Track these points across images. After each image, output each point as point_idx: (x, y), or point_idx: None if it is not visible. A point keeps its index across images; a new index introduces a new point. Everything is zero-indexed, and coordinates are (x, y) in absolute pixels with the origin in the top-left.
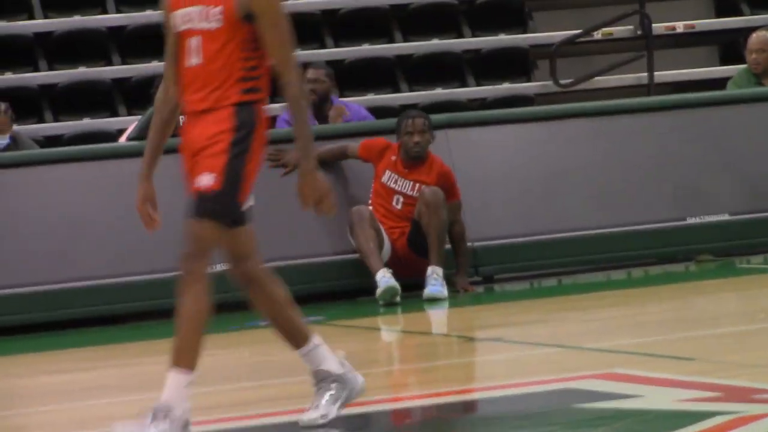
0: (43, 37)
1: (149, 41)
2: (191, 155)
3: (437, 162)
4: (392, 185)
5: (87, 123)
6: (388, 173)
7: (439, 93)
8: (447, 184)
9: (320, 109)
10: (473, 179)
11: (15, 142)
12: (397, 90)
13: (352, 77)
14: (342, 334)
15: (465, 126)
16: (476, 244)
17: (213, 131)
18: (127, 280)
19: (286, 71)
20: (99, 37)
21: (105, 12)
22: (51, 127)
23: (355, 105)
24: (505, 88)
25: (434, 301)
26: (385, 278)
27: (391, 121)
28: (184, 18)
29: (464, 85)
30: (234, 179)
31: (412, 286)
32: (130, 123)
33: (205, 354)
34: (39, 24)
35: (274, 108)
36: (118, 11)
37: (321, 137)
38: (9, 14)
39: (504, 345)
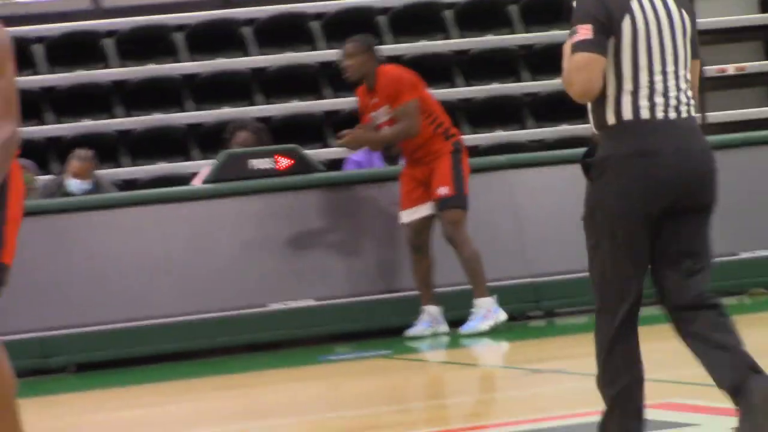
0: (119, 85)
1: (221, 88)
2: None
3: (382, 77)
4: (376, 121)
5: (162, 167)
6: (371, 115)
7: (500, 135)
8: (392, 91)
9: (389, 151)
10: (533, 217)
11: (96, 186)
12: (459, 132)
13: None
14: (409, 367)
15: (525, 167)
16: (537, 279)
17: None
18: (201, 317)
19: (2, 121)
20: (173, 84)
21: (178, 60)
22: (128, 172)
23: None
24: (564, 129)
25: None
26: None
27: None
28: None
29: (523, 127)
30: None
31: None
32: (204, 167)
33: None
34: (115, 72)
35: (336, 151)
36: (192, 59)
37: (390, 178)
38: (86, 63)
39: (566, 376)
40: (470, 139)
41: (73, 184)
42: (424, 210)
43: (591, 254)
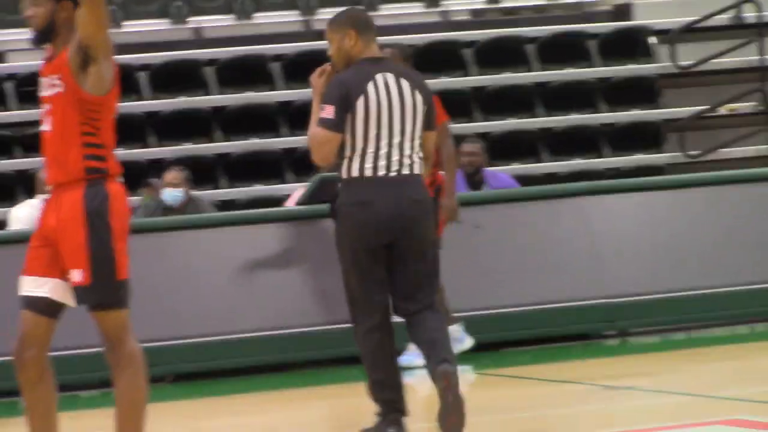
0: (218, 111)
1: None
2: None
3: None
4: None
5: (258, 189)
6: None
7: (578, 163)
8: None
9: (473, 177)
10: (609, 242)
11: (195, 205)
12: (539, 161)
13: (500, 149)
14: (489, 382)
15: (601, 193)
16: (612, 300)
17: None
18: (292, 332)
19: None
20: (269, 112)
21: (274, 89)
22: (225, 193)
23: (503, 174)
24: (638, 158)
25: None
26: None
27: (533, 189)
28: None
29: (600, 156)
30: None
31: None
32: (297, 189)
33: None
34: (214, 99)
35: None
36: (287, 88)
37: (471, 202)
38: (188, 90)
39: (638, 393)
40: (550, 166)
41: (167, 193)
42: None
43: (343, 278)
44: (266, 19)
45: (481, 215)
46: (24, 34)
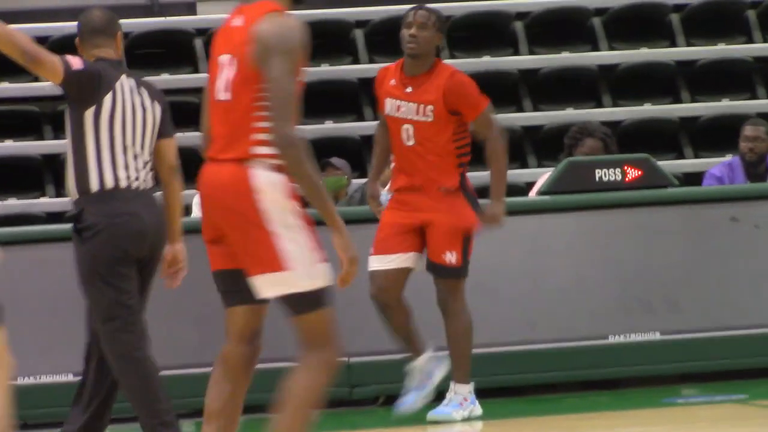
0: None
1: (564, 86)
2: None
3: (445, 71)
4: (395, 114)
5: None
6: (389, 102)
7: None
8: (458, 97)
9: (756, 167)
10: None
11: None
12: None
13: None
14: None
15: None
16: None
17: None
18: (528, 348)
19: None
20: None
21: (517, 53)
22: None
23: None
24: None
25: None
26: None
27: None
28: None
29: None
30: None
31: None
32: (540, 175)
33: None
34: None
35: (694, 163)
36: (531, 53)
37: (751, 197)
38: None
39: None
40: None
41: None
42: (403, 260)
43: (95, 298)
44: None
45: (763, 213)
46: None
